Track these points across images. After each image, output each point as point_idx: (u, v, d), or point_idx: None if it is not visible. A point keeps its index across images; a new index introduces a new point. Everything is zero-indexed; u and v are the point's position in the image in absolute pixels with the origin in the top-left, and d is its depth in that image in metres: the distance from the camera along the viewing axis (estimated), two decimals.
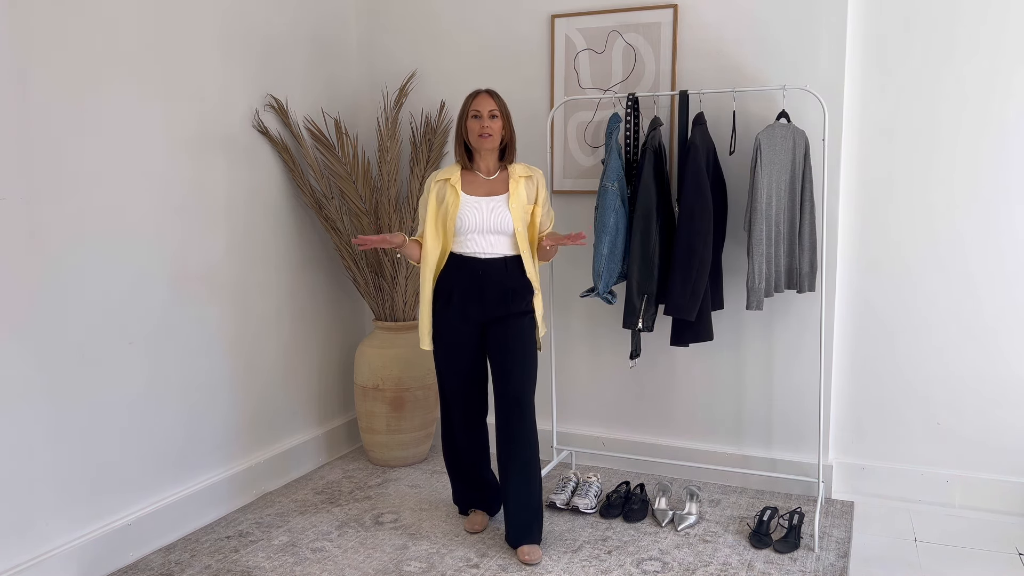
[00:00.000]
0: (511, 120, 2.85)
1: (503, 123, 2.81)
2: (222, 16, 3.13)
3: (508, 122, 2.83)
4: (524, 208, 2.82)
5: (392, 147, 3.64)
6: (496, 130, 2.78)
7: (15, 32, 2.38)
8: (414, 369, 3.63)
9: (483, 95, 2.81)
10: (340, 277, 3.91)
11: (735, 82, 3.27)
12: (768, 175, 2.94)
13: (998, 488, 3.15)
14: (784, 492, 3.36)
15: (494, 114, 2.78)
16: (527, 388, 2.80)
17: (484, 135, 2.77)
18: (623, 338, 3.60)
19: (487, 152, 2.83)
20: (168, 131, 2.91)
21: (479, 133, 2.78)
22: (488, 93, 2.81)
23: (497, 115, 2.79)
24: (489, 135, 2.77)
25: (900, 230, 3.20)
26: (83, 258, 2.62)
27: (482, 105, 2.79)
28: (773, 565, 2.74)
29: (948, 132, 3.10)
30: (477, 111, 2.79)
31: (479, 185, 2.84)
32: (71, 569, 2.60)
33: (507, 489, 2.82)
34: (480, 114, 2.78)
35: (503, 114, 2.81)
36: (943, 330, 3.19)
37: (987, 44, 3.01)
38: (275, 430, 3.51)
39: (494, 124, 2.78)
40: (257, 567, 2.74)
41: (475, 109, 2.79)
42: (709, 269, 3.02)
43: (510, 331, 2.81)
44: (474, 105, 2.80)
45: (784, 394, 3.37)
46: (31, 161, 2.44)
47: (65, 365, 2.57)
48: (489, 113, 2.78)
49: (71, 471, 2.61)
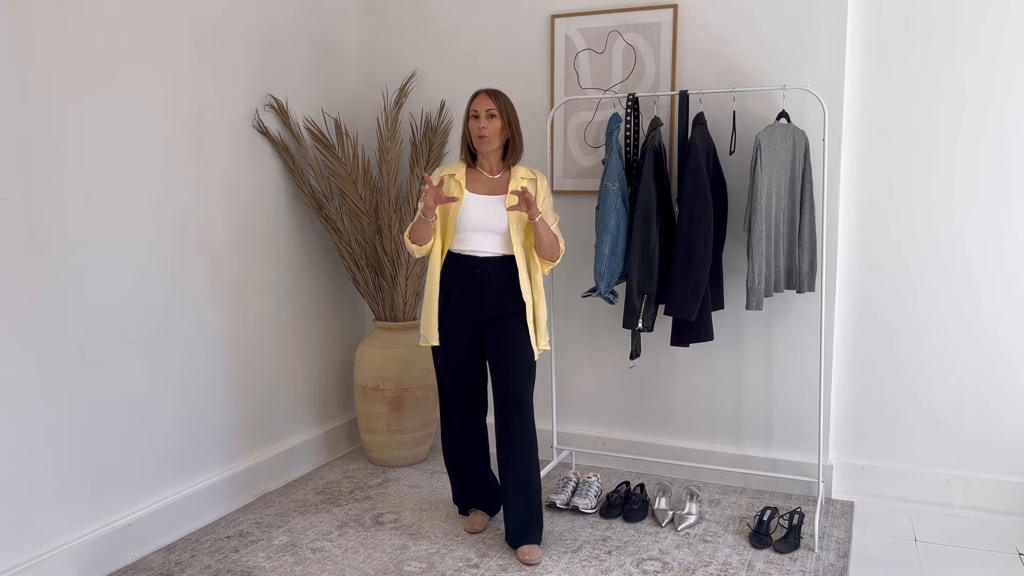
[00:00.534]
0: (515, 120, 2.83)
1: (502, 124, 2.79)
2: (222, 16, 3.13)
3: (509, 122, 2.81)
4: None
5: (392, 147, 3.64)
6: (493, 131, 2.77)
7: (15, 32, 2.38)
8: (414, 369, 3.63)
9: (481, 95, 2.80)
10: (340, 277, 3.91)
11: (735, 82, 3.27)
12: (768, 175, 2.94)
13: (998, 488, 3.15)
14: (784, 492, 3.36)
15: (492, 114, 2.77)
16: (526, 389, 2.80)
17: (481, 136, 2.77)
18: (623, 338, 3.60)
19: (487, 152, 2.83)
20: (168, 131, 2.91)
21: (477, 134, 2.78)
22: (487, 93, 2.80)
23: (495, 115, 2.78)
24: (485, 136, 2.77)
25: (900, 230, 3.20)
26: (83, 258, 2.62)
27: (480, 105, 2.78)
28: (773, 565, 2.74)
29: (948, 132, 3.10)
30: (475, 111, 2.79)
31: (483, 183, 2.84)
32: (71, 569, 2.60)
33: (507, 489, 2.82)
34: (478, 114, 2.78)
35: (502, 114, 2.79)
36: (943, 330, 3.19)
37: (987, 44, 3.01)
38: (275, 430, 3.51)
39: (491, 125, 2.77)
40: (257, 567, 2.74)
41: (474, 110, 2.79)
42: (709, 269, 3.02)
43: (508, 331, 2.81)
44: (473, 106, 2.80)
45: (784, 394, 3.37)
46: (31, 161, 2.44)
47: (65, 365, 2.57)
48: (487, 113, 2.77)
49: (71, 471, 2.61)
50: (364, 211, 3.60)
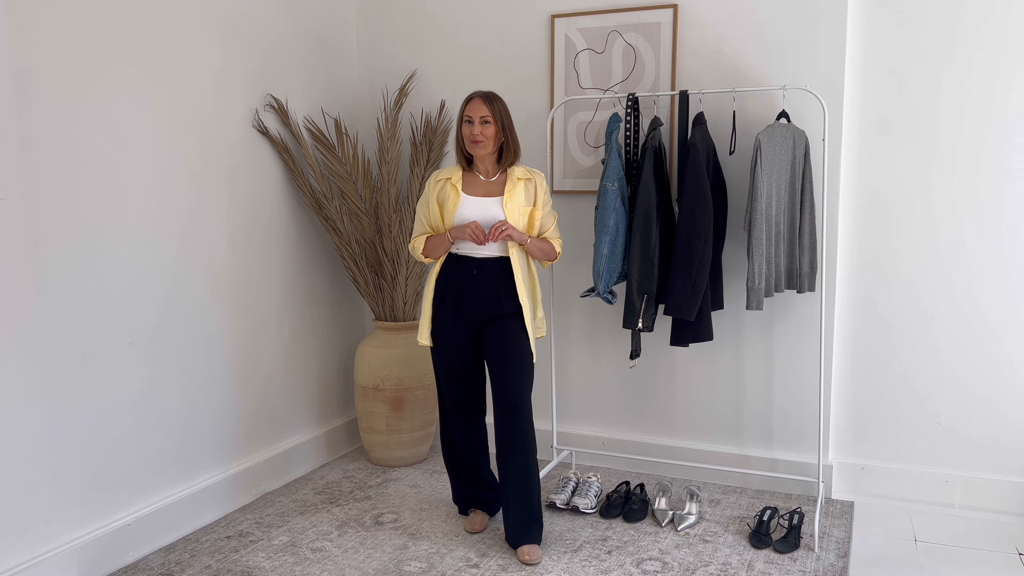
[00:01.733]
0: (510, 123, 2.83)
1: (496, 129, 2.78)
2: (222, 16, 3.13)
3: (504, 126, 2.80)
4: (520, 210, 2.81)
5: (392, 147, 3.64)
6: (488, 136, 2.77)
7: (15, 32, 2.38)
8: (414, 369, 3.63)
9: (476, 100, 2.79)
10: (340, 277, 3.91)
11: (735, 82, 3.27)
12: (768, 175, 2.94)
13: (998, 488, 3.15)
14: (784, 492, 3.36)
15: (486, 120, 2.76)
16: (524, 390, 2.80)
17: (475, 141, 2.77)
18: (623, 338, 3.60)
19: (482, 157, 2.83)
20: (168, 131, 2.91)
21: (470, 139, 2.78)
22: (482, 98, 2.78)
23: (489, 120, 2.77)
24: (479, 142, 2.77)
25: (900, 230, 3.20)
26: (83, 258, 2.62)
27: (474, 111, 2.77)
28: (773, 565, 2.74)
29: (949, 131, 3.10)
30: (469, 117, 2.78)
31: (478, 186, 2.85)
32: (71, 569, 2.60)
33: (506, 490, 2.82)
34: (472, 120, 2.78)
35: (497, 119, 2.78)
36: (943, 330, 3.19)
37: (988, 43, 3.01)
38: (275, 430, 3.51)
39: (486, 130, 2.77)
40: (257, 567, 2.74)
41: (467, 115, 2.79)
42: (709, 269, 3.02)
43: (506, 333, 2.81)
44: (467, 111, 2.79)
45: (784, 394, 3.37)
46: (31, 161, 2.44)
47: (65, 365, 2.57)
48: (481, 119, 2.76)
49: (71, 471, 2.61)
50: (364, 211, 3.60)
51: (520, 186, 2.83)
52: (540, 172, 2.94)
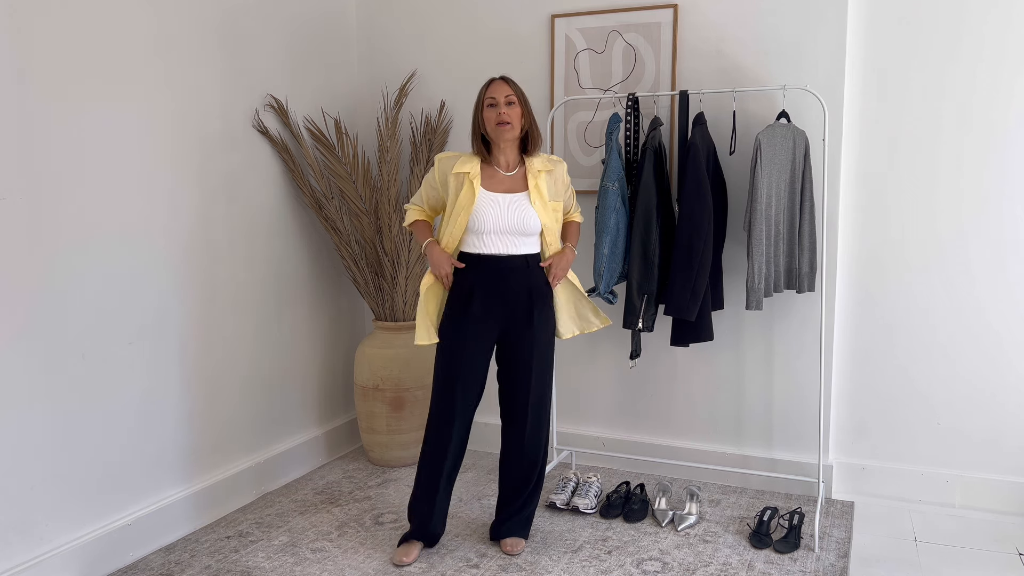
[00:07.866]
0: (530, 107, 2.68)
1: (522, 110, 2.63)
2: (222, 16, 3.13)
3: (527, 109, 2.65)
4: (548, 207, 2.69)
5: (392, 147, 3.64)
6: (515, 117, 2.61)
7: (15, 32, 2.38)
8: (414, 369, 3.62)
9: (498, 81, 2.64)
10: (340, 277, 3.91)
11: (735, 82, 3.27)
12: (768, 175, 2.94)
13: (998, 488, 3.15)
14: (784, 492, 3.36)
15: (511, 100, 2.61)
16: (545, 398, 2.79)
17: (502, 123, 2.59)
18: (623, 338, 3.60)
19: (507, 143, 2.66)
20: (168, 131, 2.91)
21: (497, 121, 2.60)
22: (503, 79, 2.66)
23: (514, 101, 2.61)
24: (508, 123, 2.59)
25: (900, 230, 3.20)
26: (83, 258, 2.62)
27: (498, 92, 2.61)
28: (773, 565, 2.74)
29: (949, 131, 3.10)
30: (493, 99, 2.61)
31: (499, 181, 2.67)
32: (71, 569, 2.60)
33: (506, 492, 2.84)
34: (496, 101, 2.60)
35: (521, 100, 2.63)
36: (944, 330, 3.18)
37: (989, 43, 3.01)
38: (275, 430, 3.51)
39: (512, 111, 2.60)
40: (257, 567, 2.74)
41: (490, 97, 2.62)
42: (709, 269, 3.02)
43: (537, 341, 2.71)
44: (489, 92, 2.63)
45: (784, 394, 3.37)
46: (31, 161, 2.44)
47: (65, 365, 2.57)
48: (506, 99, 2.60)
49: (71, 471, 2.61)
50: (364, 211, 3.60)
51: (542, 179, 2.69)
52: (560, 159, 2.79)
